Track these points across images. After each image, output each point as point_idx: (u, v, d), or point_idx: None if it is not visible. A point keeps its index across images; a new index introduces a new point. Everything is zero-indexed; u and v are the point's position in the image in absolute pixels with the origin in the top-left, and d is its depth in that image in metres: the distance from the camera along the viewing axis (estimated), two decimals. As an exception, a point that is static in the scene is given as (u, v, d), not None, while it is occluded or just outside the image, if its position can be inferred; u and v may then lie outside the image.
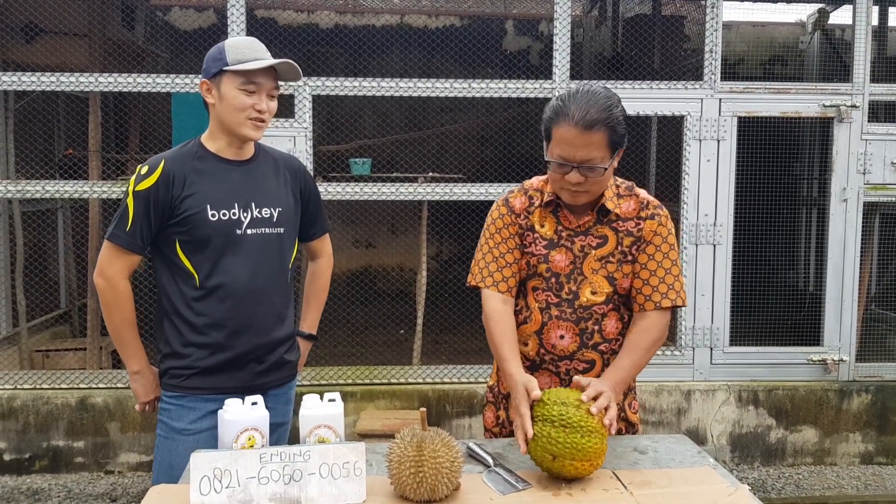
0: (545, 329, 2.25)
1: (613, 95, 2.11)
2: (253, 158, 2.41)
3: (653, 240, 2.24)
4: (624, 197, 2.26)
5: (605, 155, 2.09)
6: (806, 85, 4.95)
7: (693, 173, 4.84)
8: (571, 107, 2.06)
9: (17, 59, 5.53)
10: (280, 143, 4.54)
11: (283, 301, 2.42)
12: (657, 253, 2.24)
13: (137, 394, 2.41)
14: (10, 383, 4.70)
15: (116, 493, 4.42)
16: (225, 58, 2.25)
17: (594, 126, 2.04)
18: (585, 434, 1.85)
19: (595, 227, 2.24)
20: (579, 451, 1.85)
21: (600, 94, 2.09)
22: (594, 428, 1.87)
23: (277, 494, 1.74)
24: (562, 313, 2.24)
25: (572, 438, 1.85)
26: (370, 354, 6.04)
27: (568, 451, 1.85)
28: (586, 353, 2.26)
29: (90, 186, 4.68)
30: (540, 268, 2.25)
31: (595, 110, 2.04)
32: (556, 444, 1.86)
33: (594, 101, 2.06)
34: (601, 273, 2.23)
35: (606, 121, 2.05)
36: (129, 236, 2.27)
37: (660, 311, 2.22)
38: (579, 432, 1.85)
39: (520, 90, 4.76)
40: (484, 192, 4.73)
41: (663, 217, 2.27)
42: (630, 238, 2.23)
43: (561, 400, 1.92)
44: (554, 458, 1.87)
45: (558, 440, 1.85)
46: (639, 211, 2.25)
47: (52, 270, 6.52)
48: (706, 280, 4.87)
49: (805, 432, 4.98)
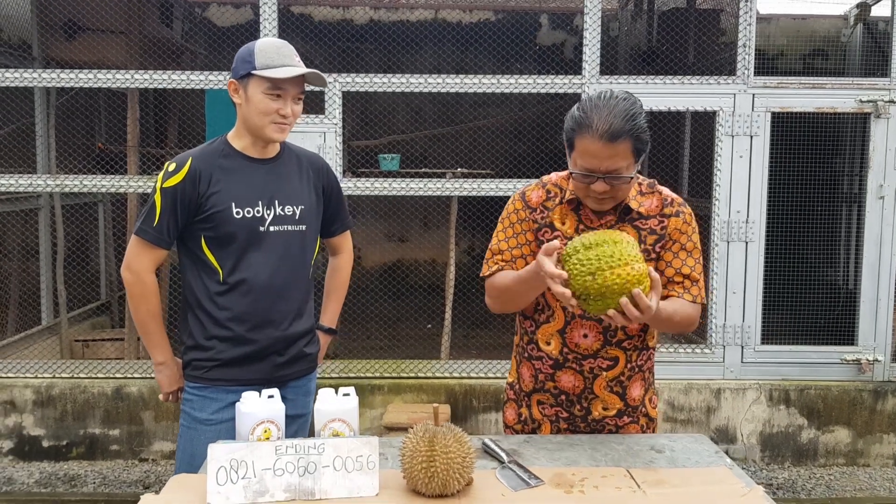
0: (568, 328, 2.24)
1: (636, 102, 2.07)
2: (277, 157, 2.45)
3: (678, 238, 2.22)
4: (646, 195, 2.23)
5: (630, 163, 2.06)
6: (842, 80, 4.86)
7: (725, 169, 4.78)
8: (594, 118, 2.01)
9: (59, 56, 5.67)
10: (310, 139, 4.59)
11: (303, 296, 2.47)
12: (682, 251, 2.22)
13: (161, 384, 2.47)
14: (49, 372, 4.83)
15: (150, 480, 4.53)
16: (254, 61, 2.28)
17: (619, 137, 2.00)
18: (612, 244, 1.89)
19: (617, 226, 2.21)
20: (612, 257, 1.87)
21: (622, 102, 2.04)
22: (619, 238, 1.91)
23: (292, 486, 1.78)
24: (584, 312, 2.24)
25: (601, 250, 1.88)
26: (401, 348, 6.09)
27: (603, 260, 1.87)
28: (610, 350, 2.25)
29: (127, 181, 4.79)
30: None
31: (619, 121, 2.00)
32: (588, 261, 1.88)
33: (617, 110, 2.01)
34: None
35: (631, 131, 2.02)
36: (156, 231, 2.32)
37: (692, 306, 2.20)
38: (606, 244, 1.89)
39: (549, 86, 4.75)
40: (512, 187, 4.73)
41: (687, 215, 2.24)
42: (654, 236, 2.21)
43: (578, 241, 1.95)
44: (593, 276, 1.88)
45: (589, 256, 1.88)
46: (662, 208, 2.22)
47: (92, 263, 6.69)
48: (738, 277, 4.82)
49: (837, 433, 4.90)
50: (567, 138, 2.11)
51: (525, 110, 7.60)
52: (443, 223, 7.63)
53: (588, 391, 2.27)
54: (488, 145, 7.60)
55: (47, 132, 5.66)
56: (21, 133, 5.65)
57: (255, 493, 1.76)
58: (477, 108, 7.71)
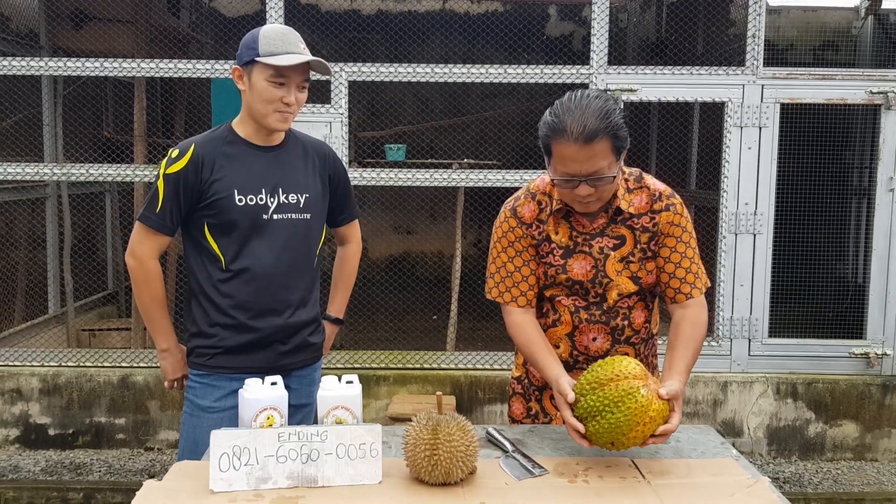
0: (577, 332, 2.23)
1: (608, 99, 2.01)
2: (282, 144, 2.43)
3: (672, 231, 2.18)
4: (634, 191, 2.18)
5: (610, 162, 2.00)
6: (852, 71, 4.82)
7: (734, 161, 4.75)
8: (567, 121, 1.96)
9: (66, 45, 5.68)
10: (316, 129, 4.57)
11: (307, 285, 2.46)
12: (679, 244, 2.19)
13: (165, 371, 2.47)
14: (55, 360, 4.84)
15: (155, 469, 4.54)
16: (258, 47, 2.26)
17: (595, 138, 1.95)
18: (621, 408, 1.82)
19: (610, 228, 2.18)
20: (626, 425, 1.82)
21: (595, 101, 1.98)
22: (627, 392, 1.83)
23: (295, 473, 1.77)
24: (591, 316, 2.22)
25: (613, 418, 1.83)
26: (408, 340, 6.09)
27: (618, 430, 1.83)
28: (619, 348, 2.24)
29: (133, 170, 4.78)
30: (559, 278, 2.20)
31: (593, 120, 1.94)
32: (605, 433, 1.85)
33: (590, 111, 1.95)
34: (625, 274, 2.19)
35: (606, 129, 1.96)
36: (158, 218, 2.32)
37: (697, 302, 2.18)
38: (615, 409, 1.83)
39: (557, 76, 4.72)
40: (519, 178, 4.71)
41: (678, 206, 2.20)
42: (647, 234, 2.18)
43: (590, 385, 1.89)
44: (613, 444, 1.87)
45: (604, 428, 1.84)
46: (651, 204, 2.17)
47: (99, 252, 6.70)
48: (745, 270, 4.79)
49: (845, 427, 4.87)
50: (543, 145, 2.05)
51: (533, 101, 7.57)
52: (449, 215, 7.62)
53: None
54: (496, 137, 7.57)
55: (54, 121, 5.66)
56: (28, 122, 5.66)
57: (258, 479, 1.76)
58: (485, 100, 7.68)
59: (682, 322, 2.16)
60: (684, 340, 2.12)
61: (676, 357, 2.09)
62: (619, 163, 2.05)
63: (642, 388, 1.84)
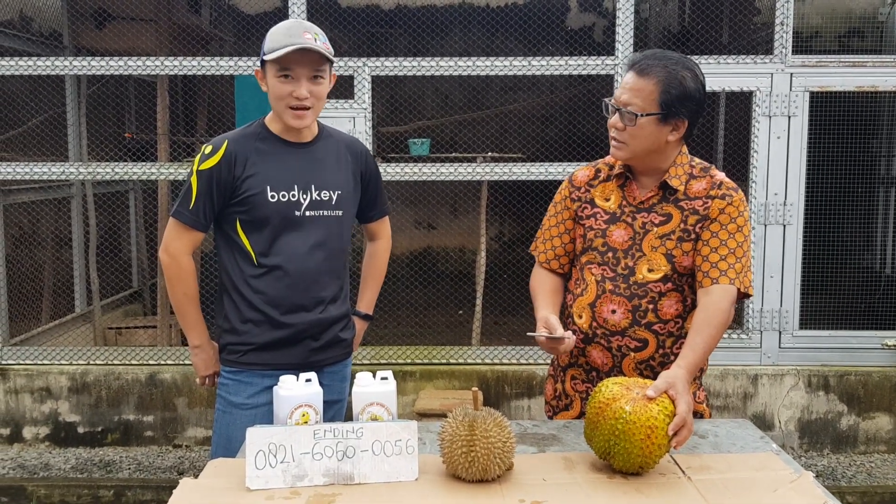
0: (598, 302, 2.22)
1: (687, 62, 2.13)
2: (315, 141, 2.42)
3: (718, 217, 2.17)
4: (697, 178, 2.21)
5: (646, 106, 2.09)
6: (884, 57, 4.72)
7: (762, 151, 4.68)
8: (641, 55, 2.14)
9: (89, 44, 5.70)
10: (339, 124, 4.56)
11: (338, 281, 2.45)
12: (722, 231, 2.16)
13: (197, 368, 2.46)
14: (84, 359, 4.87)
15: (184, 466, 4.55)
16: (265, 47, 2.27)
17: (645, 73, 2.09)
18: (619, 436, 1.77)
19: (660, 205, 2.20)
20: (636, 447, 1.77)
21: (674, 56, 2.13)
22: (614, 418, 1.78)
23: (331, 470, 1.76)
24: (616, 287, 2.21)
25: (621, 448, 1.78)
26: (432, 335, 6.06)
27: (633, 455, 1.78)
28: (638, 331, 2.20)
29: (157, 168, 4.80)
30: (596, 242, 2.25)
31: (655, 62, 2.10)
32: (628, 464, 1.81)
33: (661, 56, 2.12)
34: (660, 250, 2.19)
35: (660, 74, 2.08)
36: (192, 214, 2.31)
37: (722, 289, 2.11)
38: (616, 440, 1.78)
39: (581, 67, 4.67)
40: (544, 171, 4.67)
41: (736, 199, 2.18)
42: (695, 216, 2.18)
43: (590, 429, 1.85)
44: (643, 468, 1.82)
45: (624, 460, 1.80)
46: (709, 190, 2.20)
47: (124, 251, 6.74)
48: (775, 261, 4.72)
49: (878, 419, 4.80)
50: None
51: (555, 94, 7.52)
52: (472, 210, 7.58)
53: (616, 370, 2.25)
54: (518, 130, 7.53)
55: (79, 121, 5.69)
56: (53, 122, 5.69)
57: (294, 477, 1.74)
58: (506, 93, 7.64)
59: (699, 307, 2.14)
60: (696, 325, 2.09)
61: (685, 344, 2.08)
62: (658, 121, 2.11)
63: (626, 406, 1.78)
